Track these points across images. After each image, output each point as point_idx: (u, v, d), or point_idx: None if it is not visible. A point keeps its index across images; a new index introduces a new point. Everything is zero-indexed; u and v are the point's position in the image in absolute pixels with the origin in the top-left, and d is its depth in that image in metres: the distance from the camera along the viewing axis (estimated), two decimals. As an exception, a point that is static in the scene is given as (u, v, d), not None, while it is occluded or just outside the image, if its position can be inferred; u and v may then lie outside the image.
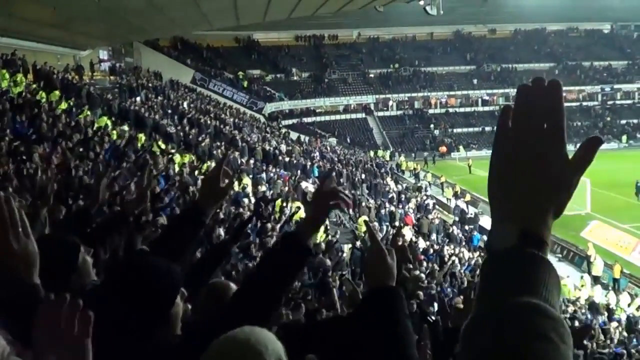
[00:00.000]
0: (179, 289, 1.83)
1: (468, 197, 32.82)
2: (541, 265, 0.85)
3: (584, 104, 62.40)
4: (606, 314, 18.75)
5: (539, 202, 0.89)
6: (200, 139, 24.79)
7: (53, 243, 2.31)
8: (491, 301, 0.84)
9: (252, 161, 25.34)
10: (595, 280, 21.75)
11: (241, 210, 15.12)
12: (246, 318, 1.63)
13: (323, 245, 15.98)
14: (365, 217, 23.04)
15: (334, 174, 28.04)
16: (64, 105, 19.85)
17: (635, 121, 59.87)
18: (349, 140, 52.96)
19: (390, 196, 29.63)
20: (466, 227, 27.48)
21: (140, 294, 1.73)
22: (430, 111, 60.36)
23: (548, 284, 0.84)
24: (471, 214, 29.89)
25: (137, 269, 1.87)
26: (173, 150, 20.14)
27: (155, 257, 2.12)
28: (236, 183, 19.14)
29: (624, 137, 56.62)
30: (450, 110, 60.94)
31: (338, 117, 57.99)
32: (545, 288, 0.83)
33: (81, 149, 13.87)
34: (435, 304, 12.69)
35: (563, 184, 0.89)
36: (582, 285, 20.72)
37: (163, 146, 20.58)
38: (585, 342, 13.74)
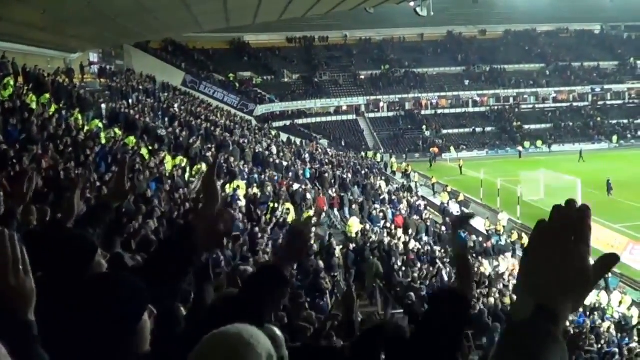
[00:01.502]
0: (146, 306, 1.81)
1: (462, 197, 32.95)
2: (549, 340, 1.00)
3: (575, 104, 62.89)
4: (597, 314, 18.85)
5: (561, 291, 1.06)
6: (191, 141, 24.74)
7: (72, 241, 2.31)
8: None
9: (242, 163, 25.31)
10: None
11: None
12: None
13: (316, 247, 16.00)
14: (356, 218, 23.07)
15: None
16: (54, 108, 19.75)
17: (625, 121, 60.26)
18: (343, 143, 52.96)
19: (382, 197, 29.64)
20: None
21: (104, 309, 1.70)
22: (421, 112, 60.52)
23: (554, 355, 0.98)
24: (457, 213, 29.99)
25: (102, 284, 1.84)
26: (162, 154, 20.06)
27: (122, 272, 2.10)
28: (227, 185, 19.12)
29: (615, 138, 57.02)
30: (441, 111, 61.17)
31: (329, 118, 58.11)
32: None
33: (70, 152, 13.82)
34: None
35: (583, 285, 1.07)
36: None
37: (150, 148, 20.52)
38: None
